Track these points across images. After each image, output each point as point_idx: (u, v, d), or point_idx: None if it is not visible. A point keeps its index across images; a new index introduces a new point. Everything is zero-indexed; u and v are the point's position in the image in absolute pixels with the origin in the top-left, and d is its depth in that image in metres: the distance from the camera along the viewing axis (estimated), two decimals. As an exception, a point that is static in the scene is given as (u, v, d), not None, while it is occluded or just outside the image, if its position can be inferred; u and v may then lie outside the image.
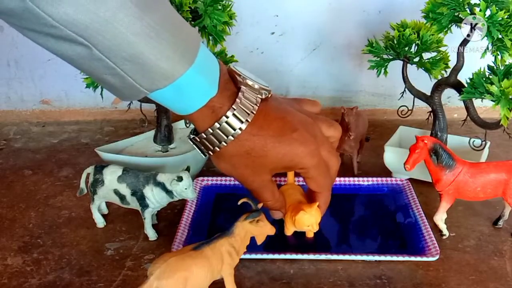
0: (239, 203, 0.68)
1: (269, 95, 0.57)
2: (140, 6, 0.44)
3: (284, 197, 0.72)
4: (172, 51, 0.48)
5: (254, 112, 0.54)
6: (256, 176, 0.58)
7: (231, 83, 0.55)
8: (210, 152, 0.56)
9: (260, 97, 0.55)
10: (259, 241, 0.70)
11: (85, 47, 0.45)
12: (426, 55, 0.95)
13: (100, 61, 0.46)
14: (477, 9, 0.84)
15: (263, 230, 0.69)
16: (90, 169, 0.83)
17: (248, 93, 0.54)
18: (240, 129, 0.54)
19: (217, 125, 0.53)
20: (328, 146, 0.61)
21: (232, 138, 0.54)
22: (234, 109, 0.53)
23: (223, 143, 0.54)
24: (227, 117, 0.53)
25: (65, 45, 0.45)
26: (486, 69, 0.86)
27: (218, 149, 0.55)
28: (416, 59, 0.95)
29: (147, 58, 0.46)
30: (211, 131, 0.54)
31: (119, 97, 0.52)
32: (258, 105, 0.54)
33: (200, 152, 0.58)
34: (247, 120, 0.53)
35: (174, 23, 0.49)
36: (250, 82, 0.55)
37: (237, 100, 0.53)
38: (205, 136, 0.55)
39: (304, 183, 0.77)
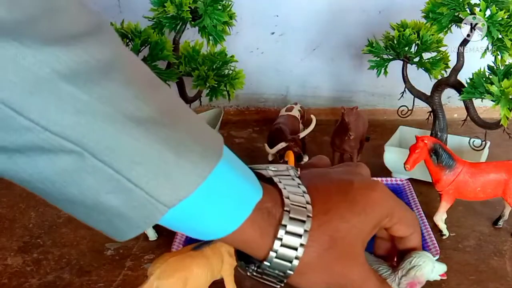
0: None
1: (299, 172, 0.43)
2: (144, 87, 0.34)
3: None
4: (195, 141, 0.34)
5: (306, 191, 0.39)
6: (357, 264, 0.42)
7: (265, 183, 0.40)
8: (290, 272, 0.38)
9: (297, 175, 0.41)
10: None
11: (74, 155, 0.30)
12: (426, 55, 0.95)
13: (97, 174, 0.31)
14: (477, 9, 0.84)
15: None
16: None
17: (284, 179, 0.40)
18: (308, 216, 0.38)
19: (277, 242, 0.37)
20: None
21: (306, 239, 0.37)
22: (288, 211, 0.37)
23: (300, 249, 0.37)
24: (285, 226, 0.37)
25: (42, 161, 0.30)
26: (486, 69, 0.86)
27: (297, 261, 0.37)
28: (416, 59, 0.95)
29: (163, 155, 0.32)
30: (278, 245, 0.37)
31: (121, 231, 0.34)
32: (301, 185, 0.40)
33: (273, 284, 0.40)
34: (308, 216, 0.38)
35: (185, 107, 0.37)
36: (274, 168, 0.42)
37: (283, 190, 0.38)
38: (269, 264, 0.37)
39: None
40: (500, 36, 0.84)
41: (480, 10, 0.83)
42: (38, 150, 0.30)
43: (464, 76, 0.89)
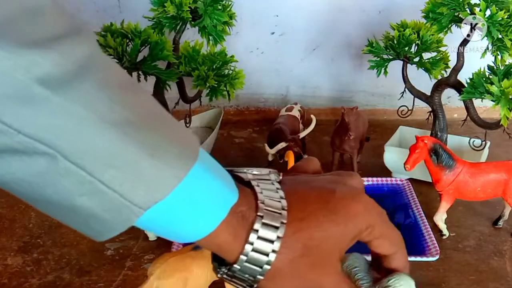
0: None
1: (280, 176, 0.43)
2: (120, 88, 0.33)
3: None
4: (170, 144, 0.34)
5: (283, 197, 0.39)
6: (328, 275, 0.42)
7: (241, 185, 0.40)
8: (260, 277, 0.38)
9: (278, 182, 0.41)
10: None
11: (47, 157, 0.30)
12: (426, 55, 0.95)
13: (70, 176, 0.31)
14: (477, 9, 0.84)
15: None
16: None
17: (263, 183, 0.40)
18: (282, 223, 0.38)
19: (248, 247, 0.37)
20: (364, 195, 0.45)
21: (279, 245, 0.37)
22: (262, 216, 0.37)
23: (271, 255, 0.37)
24: (257, 231, 0.37)
25: (16, 163, 0.30)
26: (486, 69, 0.86)
27: (268, 266, 0.37)
28: (416, 59, 0.95)
29: (137, 157, 0.32)
30: (249, 249, 0.37)
31: (98, 232, 0.35)
32: (279, 190, 0.40)
33: (244, 286, 0.39)
34: (283, 208, 0.38)
35: (161, 110, 0.36)
36: (255, 172, 0.41)
37: (258, 194, 0.38)
38: (239, 268, 0.37)
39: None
40: (500, 36, 0.84)
41: (480, 10, 0.83)
42: (11, 152, 0.30)
43: (464, 76, 0.89)
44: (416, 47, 0.94)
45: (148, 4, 0.94)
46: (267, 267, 0.37)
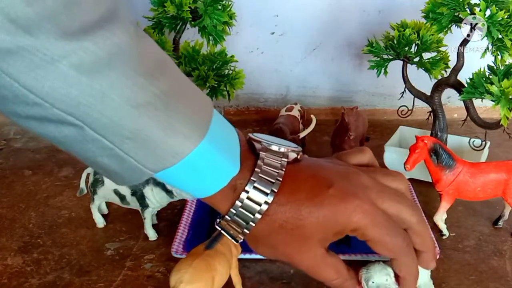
0: None
1: (299, 156, 0.47)
2: (144, 75, 0.38)
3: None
4: (182, 123, 0.40)
5: (280, 179, 0.44)
6: (303, 254, 0.46)
7: (250, 154, 0.46)
8: (241, 236, 0.45)
9: (286, 160, 0.45)
10: None
11: (76, 127, 0.37)
12: (426, 55, 0.95)
13: (94, 142, 0.38)
14: (477, 9, 0.84)
15: None
16: (90, 169, 0.83)
17: (270, 158, 0.44)
18: (266, 202, 0.43)
19: (238, 203, 0.44)
20: (390, 194, 0.46)
21: (260, 215, 0.43)
22: (254, 181, 0.43)
23: (251, 223, 0.44)
24: (247, 192, 0.43)
25: (50, 127, 0.37)
26: (486, 69, 0.86)
27: (247, 231, 0.44)
28: (416, 59, 0.95)
29: (152, 134, 0.39)
30: (233, 211, 0.44)
31: (117, 181, 0.43)
32: (284, 169, 0.44)
33: (231, 238, 0.46)
34: (272, 191, 0.43)
35: (182, 90, 0.42)
36: (273, 147, 0.45)
37: (256, 169, 0.44)
38: (229, 219, 0.44)
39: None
40: (500, 36, 0.84)
41: (480, 10, 0.83)
42: (47, 120, 0.37)
43: (464, 76, 0.89)
44: (416, 47, 0.94)
45: (148, 4, 0.94)
46: (252, 224, 0.44)
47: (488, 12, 0.84)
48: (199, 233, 0.82)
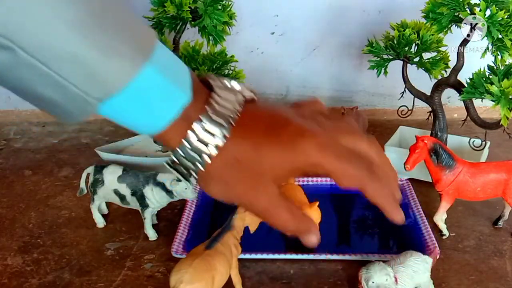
0: None
1: (255, 97, 0.46)
2: None
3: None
4: (122, 42, 0.37)
5: (237, 113, 0.42)
6: (259, 191, 0.44)
7: (205, 88, 0.44)
8: (194, 174, 0.43)
9: (243, 96, 0.44)
10: (253, 229, 0.72)
11: (8, 50, 0.34)
12: (426, 55, 0.95)
13: (30, 68, 0.35)
14: (477, 9, 0.84)
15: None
16: (90, 169, 0.83)
17: (226, 94, 0.43)
18: (223, 136, 0.42)
19: (192, 136, 0.41)
20: (347, 129, 0.46)
21: (215, 150, 0.41)
22: (210, 113, 0.41)
23: (206, 157, 0.41)
24: (203, 124, 0.41)
25: None
26: (486, 69, 0.86)
27: (201, 166, 0.42)
28: (416, 59, 0.95)
29: (90, 56, 0.36)
30: (188, 146, 0.41)
31: (64, 117, 0.40)
32: (241, 105, 0.43)
33: (183, 178, 0.45)
34: (230, 123, 0.42)
35: (122, 13, 0.39)
36: (228, 84, 0.44)
37: (211, 101, 0.42)
38: (182, 154, 0.42)
39: (304, 182, 0.77)
40: (500, 36, 0.84)
41: (480, 10, 0.83)
42: None
43: (464, 76, 0.89)
44: (416, 47, 0.94)
45: (148, 4, 0.94)
46: (206, 158, 0.41)
47: (488, 12, 0.84)
48: (199, 233, 0.82)
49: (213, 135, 0.41)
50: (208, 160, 0.42)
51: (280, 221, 0.45)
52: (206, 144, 0.41)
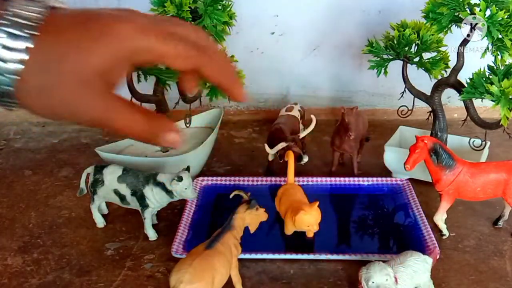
0: (231, 196, 0.72)
1: (64, 6, 0.41)
2: None
3: (286, 198, 0.72)
4: None
5: (43, 22, 0.38)
6: (90, 95, 0.39)
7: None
8: (10, 89, 0.37)
9: (48, 6, 0.39)
10: (253, 229, 0.72)
11: None
12: (426, 55, 0.95)
13: None
14: (477, 9, 0.84)
15: (259, 217, 0.72)
16: (90, 169, 0.83)
17: (25, 3, 0.38)
18: (30, 34, 0.37)
19: None
20: (170, 20, 0.43)
21: (27, 56, 0.36)
22: (7, 20, 0.36)
23: (13, 67, 0.36)
24: (2, 35, 0.36)
25: None
26: (486, 69, 0.86)
27: (14, 76, 0.37)
28: (416, 59, 0.95)
29: None
30: None
31: None
32: (47, 9, 0.38)
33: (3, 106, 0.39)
34: (34, 28, 0.37)
35: None
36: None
37: (8, 9, 0.36)
38: None
39: (304, 182, 0.77)
40: (500, 36, 0.84)
41: (480, 10, 0.83)
42: None
43: (464, 76, 0.89)
44: (416, 47, 0.94)
45: (148, 4, 0.94)
46: (13, 77, 0.36)
47: (488, 12, 0.84)
48: (199, 233, 0.82)
49: (16, 50, 0.36)
50: (17, 75, 0.36)
51: (126, 124, 0.40)
52: (9, 59, 0.36)
